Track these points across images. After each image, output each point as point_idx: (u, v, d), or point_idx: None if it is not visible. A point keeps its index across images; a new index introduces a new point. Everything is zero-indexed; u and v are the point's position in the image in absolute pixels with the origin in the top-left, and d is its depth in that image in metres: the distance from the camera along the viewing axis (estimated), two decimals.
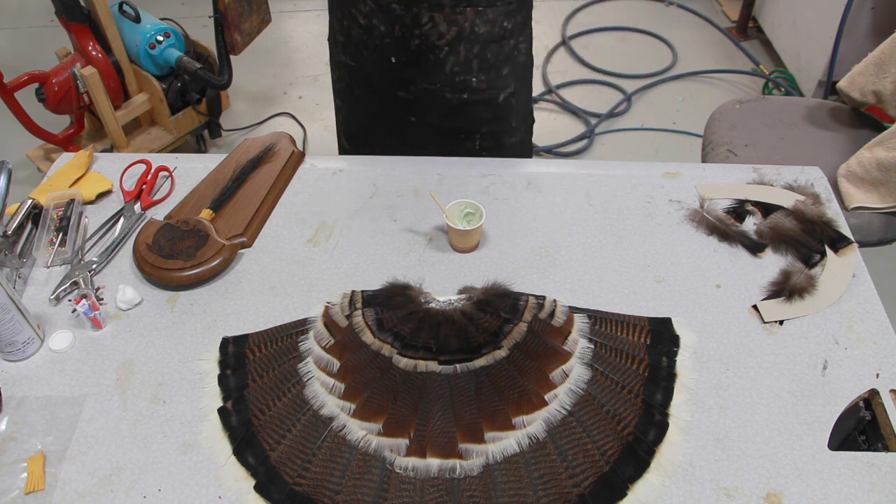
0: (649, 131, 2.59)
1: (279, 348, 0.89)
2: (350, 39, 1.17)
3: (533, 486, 0.76)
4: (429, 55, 1.12)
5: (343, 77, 1.26)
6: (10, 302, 0.84)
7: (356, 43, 1.16)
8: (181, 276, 0.96)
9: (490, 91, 1.19)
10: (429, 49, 1.11)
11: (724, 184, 1.11)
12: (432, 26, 1.08)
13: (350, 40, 1.17)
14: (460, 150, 1.24)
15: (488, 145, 1.26)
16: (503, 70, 1.18)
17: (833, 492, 0.76)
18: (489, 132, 1.24)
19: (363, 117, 1.28)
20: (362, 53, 1.17)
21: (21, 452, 0.80)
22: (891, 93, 1.52)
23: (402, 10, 1.07)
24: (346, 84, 1.26)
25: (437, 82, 1.16)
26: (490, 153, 1.26)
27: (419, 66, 1.14)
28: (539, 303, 0.93)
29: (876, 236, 1.43)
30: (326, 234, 1.05)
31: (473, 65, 1.15)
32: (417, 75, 1.15)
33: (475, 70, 1.15)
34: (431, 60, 1.13)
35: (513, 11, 1.12)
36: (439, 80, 1.16)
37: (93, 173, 1.14)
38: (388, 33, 1.11)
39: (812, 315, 0.93)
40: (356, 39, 1.16)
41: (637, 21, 3.11)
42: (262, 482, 0.77)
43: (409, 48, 1.12)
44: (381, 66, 1.16)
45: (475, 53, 1.13)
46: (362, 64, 1.18)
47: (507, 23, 1.12)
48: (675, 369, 0.86)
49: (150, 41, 2.14)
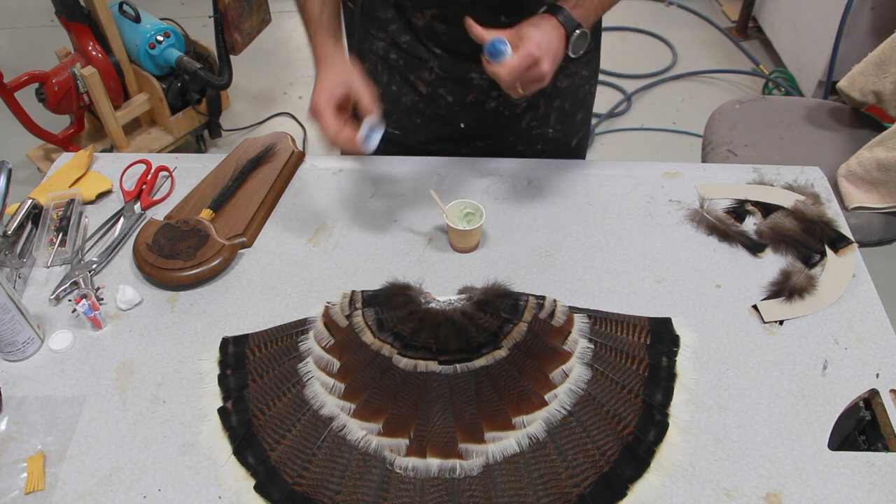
0: (649, 131, 2.59)
1: (279, 348, 0.89)
2: (399, 108, 1.07)
3: (533, 486, 0.76)
4: (504, 113, 1.06)
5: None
6: (10, 302, 0.84)
7: (408, 111, 1.07)
8: (181, 276, 0.96)
9: (564, 139, 1.14)
10: (505, 108, 1.05)
11: (724, 184, 1.11)
12: None
13: (399, 109, 1.07)
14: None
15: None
16: (577, 116, 1.13)
17: (833, 492, 0.76)
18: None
19: None
20: (415, 122, 1.08)
21: (21, 452, 0.80)
22: (891, 93, 1.52)
23: (479, 78, 0.99)
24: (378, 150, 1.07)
25: (511, 137, 1.10)
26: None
27: (490, 126, 1.07)
28: (539, 303, 0.93)
29: (876, 236, 1.44)
30: (326, 234, 1.05)
31: (552, 118, 1.09)
32: (488, 133, 1.09)
33: (552, 122, 1.10)
34: (507, 117, 1.06)
35: (590, 58, 1.06)
36: (513, 135, 1.10)
37: (93, 173, 1.14)
38: (458, 101, 1.03)
39: (812, 315, 0.93)
40: (407, 107, 1.06)
41: (637, 21, 3.11)
42: (262, 482, 0.77)
43: (484, 111, 1.04)
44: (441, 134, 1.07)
45: (554, 107, 1.08)
46: (415, 131, 1.09)
47: (584, 70, 1.07)
48: (675, 369, 0.86)
49: (150, 41, 2.14)
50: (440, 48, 1.00)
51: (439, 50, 1.00)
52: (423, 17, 0.97)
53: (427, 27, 0.98)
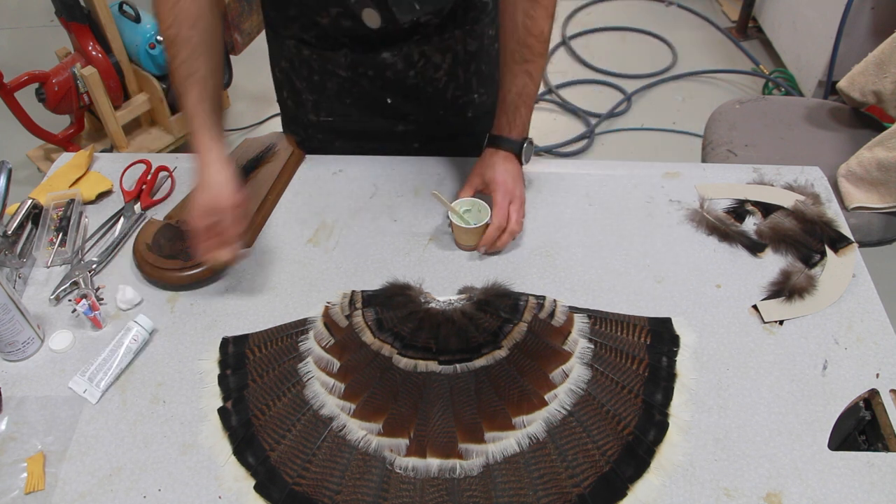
0: (649, 131, 2.59)
1: (279, 348, 0.89)
2: (325, 95, 1.11)
3: (533, 486, 0.76)
4: (427, 88, 1.09)
5: (314, 136, 1.18)
6: (10, 302, 0.84)
7: (335, 95, 1.10)
8: (181, 276, 0.96)
9: (490, 101, 1.15)
10: (427, 83, 1.08)
11: (724, 184, 1.11)
12: (426, 62, 1.05)
13: (325, 96, 1.11)
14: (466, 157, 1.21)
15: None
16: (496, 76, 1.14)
17: (833, 492, 0.76)
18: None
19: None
20: (345, 103, 1.11)
21: (21, 452, 0.80)
22: (891, 93, 1.52)
23: (392, 57, 1.03)
24: (319, 142, 1.18)
25: (440, 110, 1.13)
26: None
27: (419, 101, 1.10)
28: (539, 303, 0.93)
29: (876, 236, 1.43)
30: (326, 234, 1.05)
31: (473, 82, 1.12)
32: (417, 109, 1.11)
33: (475, 86, 1.13)
34: (430, 92, 1.09)
35: (494, 17, 1.07)
36: (441, 108, 1.12)
37: (93, 173, 1.14)
38: (378, 77, 1.06)
39: (812, 315, 0.93)
40: (334, 92, 1.10)
41: (637, 21, 3.11)
42: (262, 482, 0.77)
43: (406, 86, 1.07)
44: (373, 111, 1.11)
45: (472, 72, 1.10)
46: (347, 113, 1.13)
47: (490, 30, 1.09)
48: (675, 369, 0.86)
49: (150, 41, 2.14)
50: (348, 37, 1.03)
51: (347, 39, 1.03)
52: (327, 16, 0.99)
53: (332, 24, 1.00)
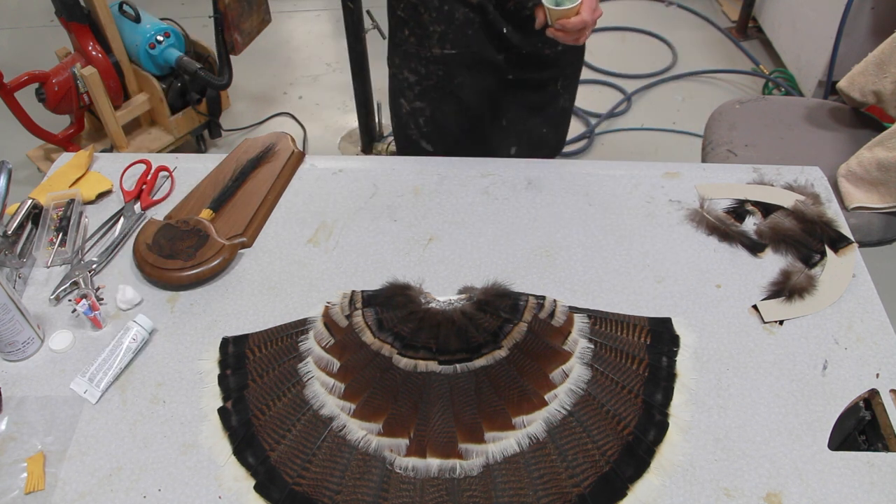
0: (649, 131, 2.59)
1: (279, 348, 0.89)
2: (452, 26, 1.16)
3: (533, 486, 0.76)
4: (523, 12, 1.14)
5: (434, 73, 1.23)
6: (10, 302, 0.84)
7: (461, 24, 1.16)
8: (181, 276, 0.96)
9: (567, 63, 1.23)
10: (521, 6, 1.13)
11: (724, 184, 1.11)
12: None
13: (453, 26, 1.16)
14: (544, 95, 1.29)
15: (568, 83, 1.31)
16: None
17: (833, 492, 0.76)
18: (571, 72, 1.30)
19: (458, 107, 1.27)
20: (467, 34, 1.16)
21: (21, 452, 0.80)
22: (891, 93, 1.52)
23: None
24: (437, 80, 1.24)
25: (537, 41, 1.18)
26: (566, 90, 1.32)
27: (519, 29, 1.16)
28: (539, 303, 0.93)
29: (876, 236, 1.43)
30: (326, 234, 1.05)
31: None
32: (520, 40, 1.17)
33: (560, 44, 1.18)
34: (526, 17, 1.14)
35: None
36: (539, 39, 1.17)
37: (93, 173, 1.14)
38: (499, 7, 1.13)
39: (812, 315, 0.93)
40: (461, 21, 1.15)
41: (637, 21, 3.11)
42: (262, 482, 0.77)
43: (521, 17, 1.14)
44: (490, 40, 1.17)
45: None
46: (468, 45, 1.18)
47: None
48: (675, 369, 0.86)
49: (150, 41, 2.14)
50: None
51: None
52: None
53: None
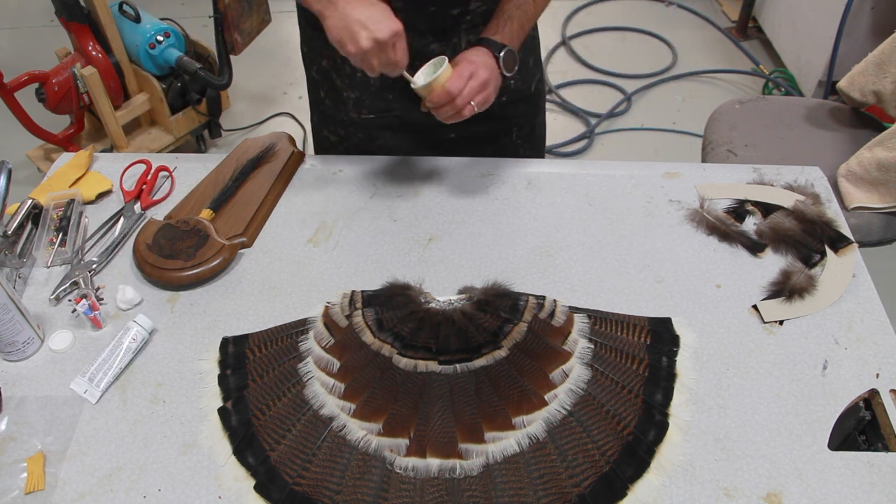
0: (649, 131, 2.59)
1: (279, 348, 0.89)
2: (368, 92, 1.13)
3: (533, 486, 0.76)
4: None
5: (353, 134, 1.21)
6: (10, 302, 0.84)
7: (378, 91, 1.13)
8: (181, 276, 0.96)
9: (524, 86, 1.19)
10: None
11: (724, 184, 1.11)
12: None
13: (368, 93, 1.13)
14: (498, 146, 1.24)
15: (525, 132, 1.27)
16: (529, 62, 1.18)
17: (833, 492, 0.76)
18: (525, 121, 1.25)
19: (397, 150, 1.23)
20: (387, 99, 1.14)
21: (21, 452, 0.80)
22: (891, 93, 1.52)
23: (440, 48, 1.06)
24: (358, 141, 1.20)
25: None
26: (526, 140, 1.27)
27: None
28: (539, 303, 0.93)
29: (876, 236, 1.44)
30: (326, 234, 1.05)
31: None
32: None
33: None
34: None
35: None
36: None
37: (93, 173, 1.14)
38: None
39: (812, 315, 0.93)
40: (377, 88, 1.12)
41: (637, 21, 3.11)
42: (262, 482, 0.77)
43: None
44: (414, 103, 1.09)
45: None
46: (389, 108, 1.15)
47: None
48: (675, 369, 0.86)
49: (150, 41, 2.14)
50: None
51: None
52: None
53: None
